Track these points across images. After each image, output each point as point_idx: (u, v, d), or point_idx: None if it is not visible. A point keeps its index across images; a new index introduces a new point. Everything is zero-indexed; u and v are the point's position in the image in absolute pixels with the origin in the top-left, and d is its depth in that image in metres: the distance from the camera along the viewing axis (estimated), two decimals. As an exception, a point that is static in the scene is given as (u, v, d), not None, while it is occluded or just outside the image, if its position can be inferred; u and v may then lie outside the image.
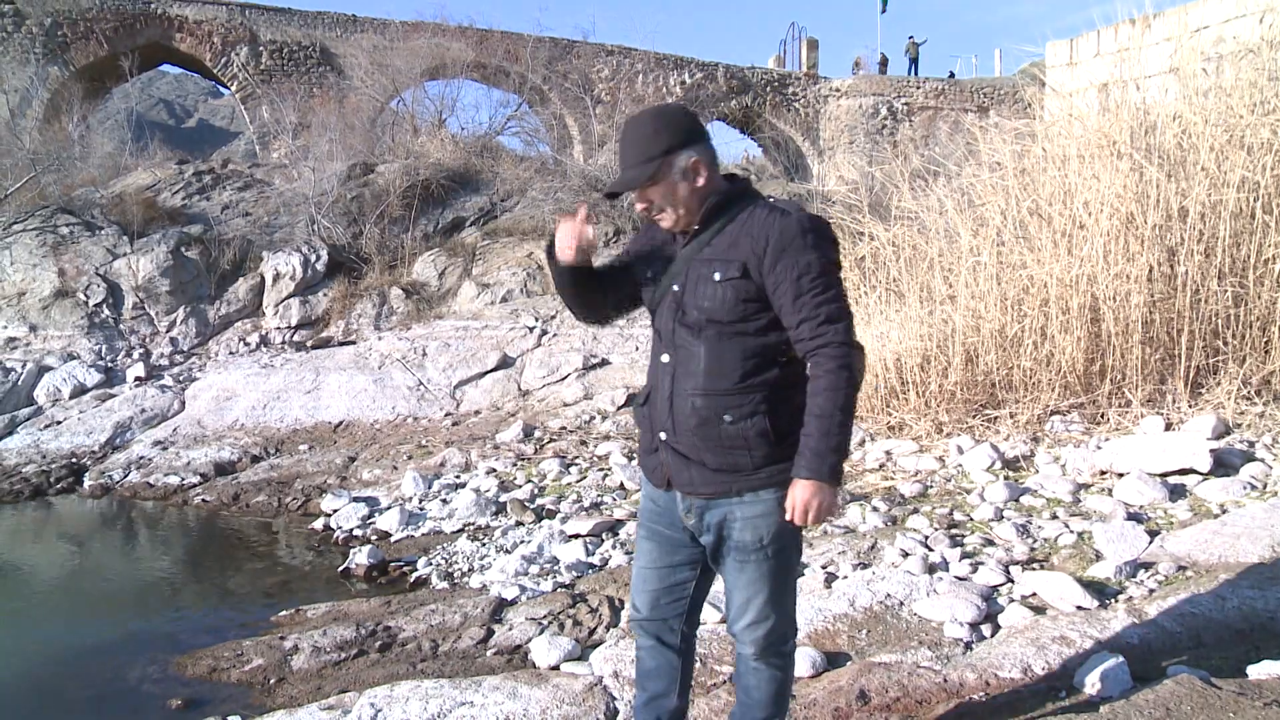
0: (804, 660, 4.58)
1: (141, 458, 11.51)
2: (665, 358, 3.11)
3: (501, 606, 6.17)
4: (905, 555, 5.78)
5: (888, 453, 7.91)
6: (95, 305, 16.14)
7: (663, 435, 3.11)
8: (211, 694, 5.52)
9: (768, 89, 36.19)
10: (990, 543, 5.88)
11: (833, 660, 4.68)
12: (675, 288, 3.06)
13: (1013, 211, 8.39)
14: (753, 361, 2.95)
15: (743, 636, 3.16)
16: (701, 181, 2.97)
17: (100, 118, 25.58)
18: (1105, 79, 9.73)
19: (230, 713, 5.08)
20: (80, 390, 14.08)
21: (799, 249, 2.85)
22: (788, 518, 2.90)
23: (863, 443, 8.22)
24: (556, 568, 6.71)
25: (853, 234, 9.21)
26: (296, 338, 15.37)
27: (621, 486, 8.42)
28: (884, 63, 39.74)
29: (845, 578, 5.65)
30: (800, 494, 2.87)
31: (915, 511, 6.58)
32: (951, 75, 39.70)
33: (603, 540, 7.17)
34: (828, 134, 36.35)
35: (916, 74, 38.51)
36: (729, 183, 3.06)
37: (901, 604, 5.14)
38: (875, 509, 6.72)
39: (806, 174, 33.75)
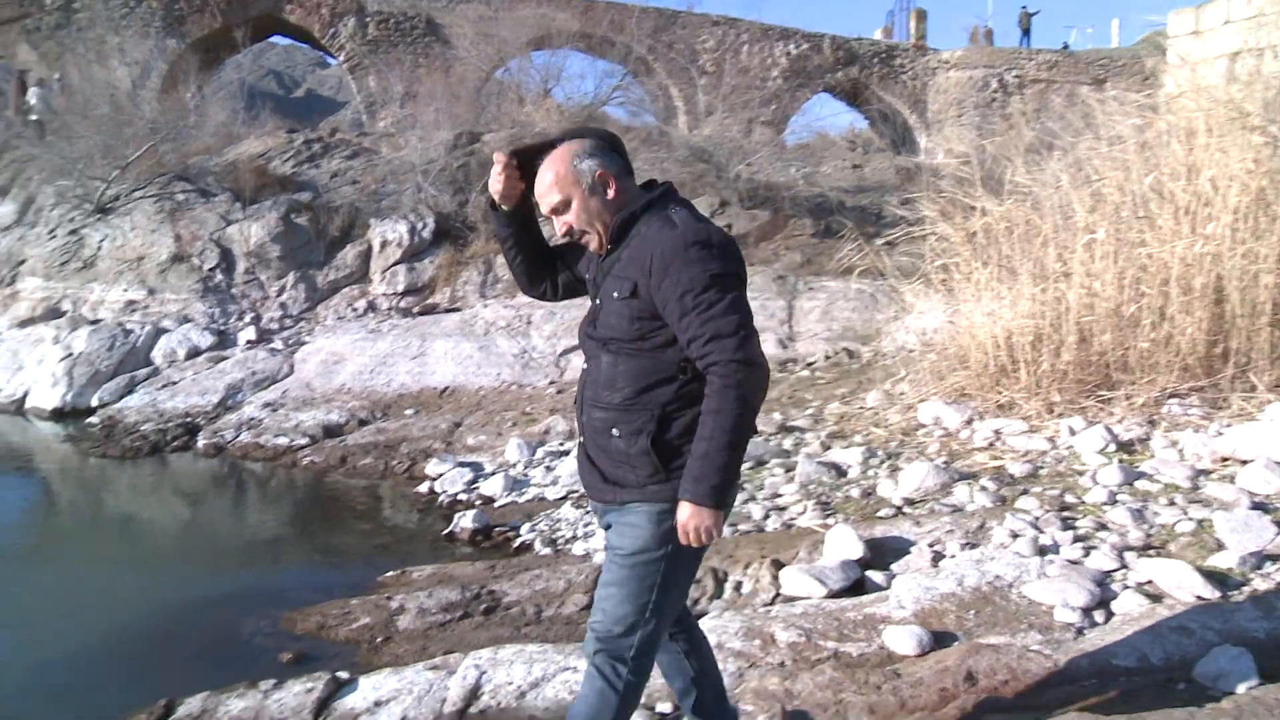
0: (909, 638, 4.54)
1: (252, 419, 11.77)
2: (585, 365, 3.21)
3: (604, 574, 6.20)
4: (1014, 536, 5.67)
5: (996, 432, 7.76)
6: (209, 270, 16.52)
7: (580, 439, 3.21)
8: (320, 650, 5.64)
9: (875, 61, 35.64)
10: (1103, 527, 5.74)
11: (939, 639, 4.61)
12: (596, 301, 3.10)
13: (1133, 187, 8.14)
14: (648, 379, 2.95)
15: (588, 630, 3.19)
16: (612, 194, 2.99)
17: (214, 88, 26.08)
18: (1236, 47, 9.39)
19: (338, 669, 5.17)
20: (195, 352, 14.45)
21: (681, 265, 2.81)
22: (680, 539, 2.90)
23: (970, 421, 8.08)
24: (660, 539, 6.71)
25: (964, 208, 9.03)
26: (403, 304, 15.57)
27: (725, 458, 8.37)
28: (989, 35, 38.85)
29: (953, 557, 5.57)
30: (681, 516, 2.88)
31: (1025, 492, 6.45)
32: (1065, 47, 38.68)
33: (707, 512, 7.15)
34: (936, 107, 35.69)
35: (1029, 46, 37.63)
36: (648, 192, 3.05)
37: (1010, 585, 5.04)
38: (983, 488, 6.60)
39: (914, 148, 33.22)
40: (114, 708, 5.11)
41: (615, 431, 2.97)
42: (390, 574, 6.77)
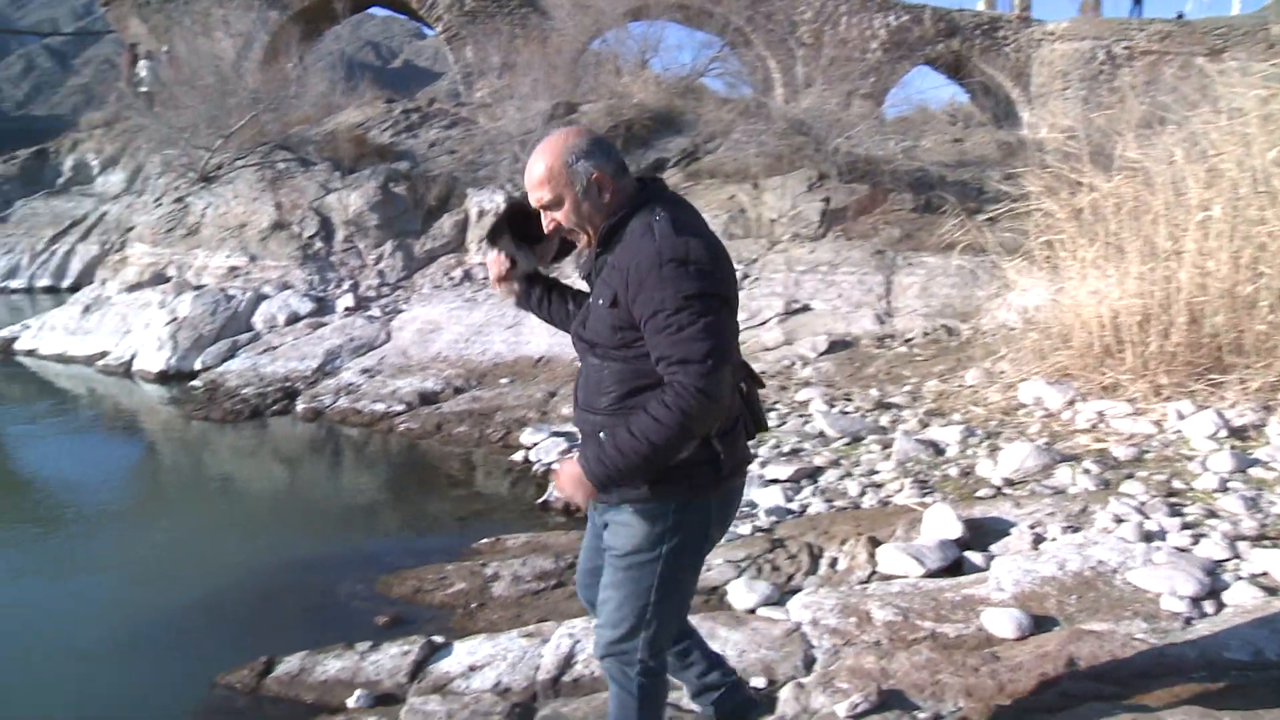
0: (1009, 621, 4.46)
1: (350, 384, 11.93)
2: (580, 366, 3.13)
3: (700, 545, 6.19)
4: (1119, 521, 5.54)
5: (1100, 414, 7.58)
6: (308, 238, 16.75)
7: (579, 437, 3.12)
8: (415, 614, 5.72)
9: (977, 33, 34.82)
10: (1214, 515, 5.58)
11: (1039, 624, 4.53)
12: (588, 302, 3.04)
13: (1253, 162, 7.85)
14: (633, 384, 2.86)
15: (595, 636, 3.16)
16: (608, 197, 2.86)
17: (314, 59, 26.43)
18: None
19: (434, 633, 5.24)
20: (294, 318, 14.69)
21: (655, 282, 2.68)
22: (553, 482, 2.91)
23: (1072, 402, 7.90)
24: (755, 512, 6.68)
25: (1070, 184, 8.81)
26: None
27: (822, 434, 8.30)
28: (1097, 5, 37.74)
29: (1054, 540, 5.46)
30: (566, 468, 2.88)
31: (1130, 476, 6.29)
32: (1180, 16, 37.44)
33: (802, 487, 7.11)
34: (1040, 80, 34.79)
35: (1140, 16, 36.54)
36: (641, 188, 2.92)
37: (1114, 571, 4.93)
38: (1086, 471, 6.46)
39: (1016, 122, 32.49)
40: (216, 664, 5.24)
41: (603, 435, 2.87)
42: (485, 541, 6.82)
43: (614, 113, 17.82)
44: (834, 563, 5.69)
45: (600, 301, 2.87)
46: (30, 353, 16.52)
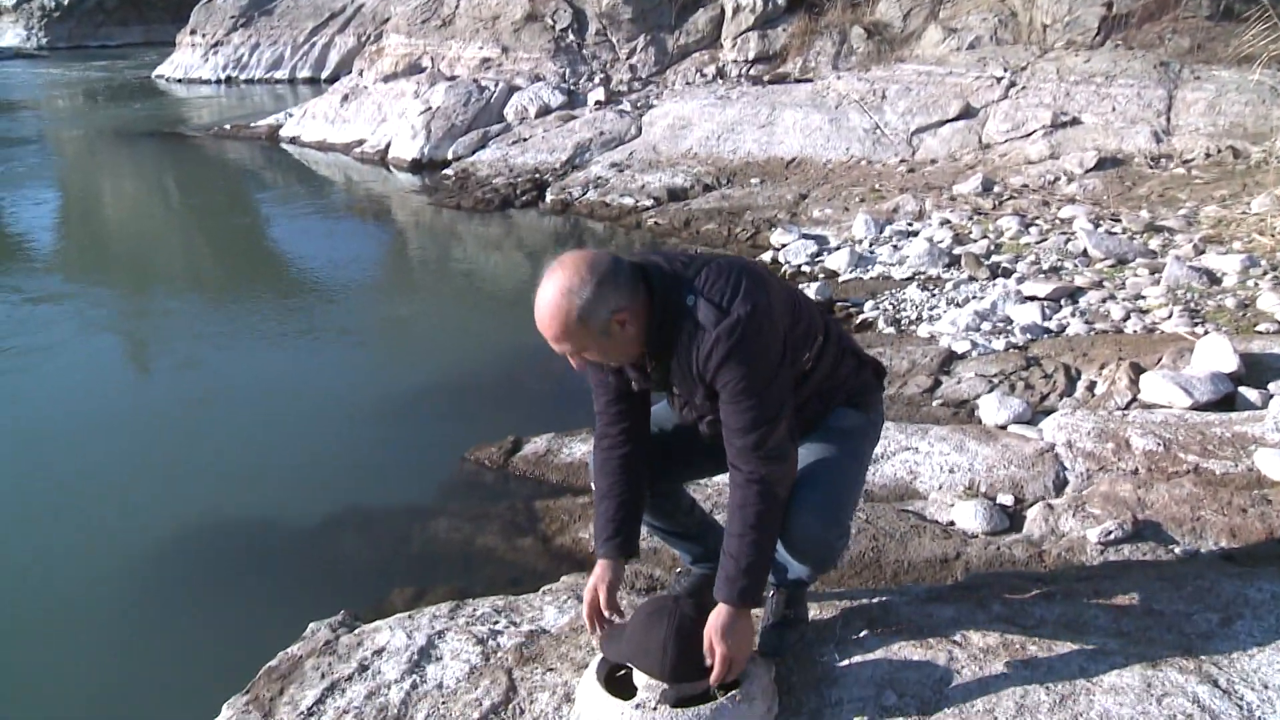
0: (1287, 461, 4.16)
1: (598, 178, 11.97)
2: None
3: (950, 359, 6.01)
4: None
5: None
6: (561, 30, 16.68)
7: None
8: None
9: None
10: None
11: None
12: (676, 392, 2.70)
13: None
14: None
15: None
16: (633, 328, 2.48)
17: None
18: None
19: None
20: (545, 110, 14.76)
21: (721, 370, 2.44)
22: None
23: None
24: (1010, 328, 6.42)
25: None
26: (753, 72, 15.27)
27: (1084, 253, 7.86)
28: None
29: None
30: (712, 630, 2.55)
31: None
32: None
33: (1061, 306, 6.77)
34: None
35: None
36: (647, 289, 2.49)
37: None
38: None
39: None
40: (466, 439, 5.45)
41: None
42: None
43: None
44: (1092, 386, 5.44)
45: (698, 400, 2.64)
46: (293, 140, 17.27)
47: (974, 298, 7.09)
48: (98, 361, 7.62)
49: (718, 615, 2.55)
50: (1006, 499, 4.21)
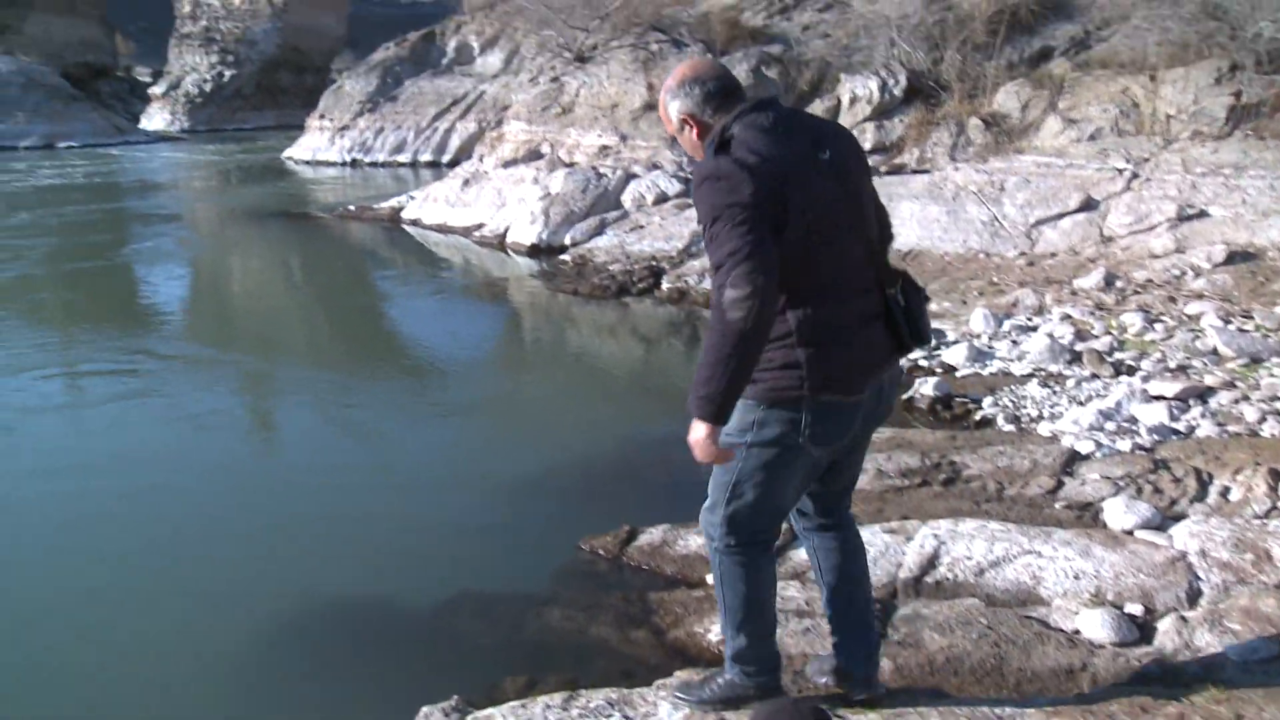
0: None
1: (715, 267, 11.97)
2: None
3: (1073, 459, 5.84)
4: None
5: None
6: (679, 119, 16.85)
7: None
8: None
9: None
10: None
11: None
12: None
13: None
14: None
15: None
16: (695, 132, 2.97)
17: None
18: None
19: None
20: (662, 198, 14.90)
21: (697, 202, 2.82)
22: None
23: None
24: (1135, 428, 6.23)
25: None
26: (870, 162, 15.27)
27: (1214, 351, 7.63)
28: None
29: None
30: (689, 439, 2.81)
31: None
32: None
33: (1190, 406, 6.56)
34: None
35: None
36: (727, 118, 2.89)
37: None
38: None
39: None
40: (581, 528, 5.43)
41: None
42: (849, 433, 6.71)
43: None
44: (1226, 492, 5.23)
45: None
46: (414, 222, 17.73)
47: (1097, 396, 6.91)
48: (217, 431, 7.79)
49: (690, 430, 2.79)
50: (1135, 609, 4.04)
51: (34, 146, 42.49)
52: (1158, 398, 6.69)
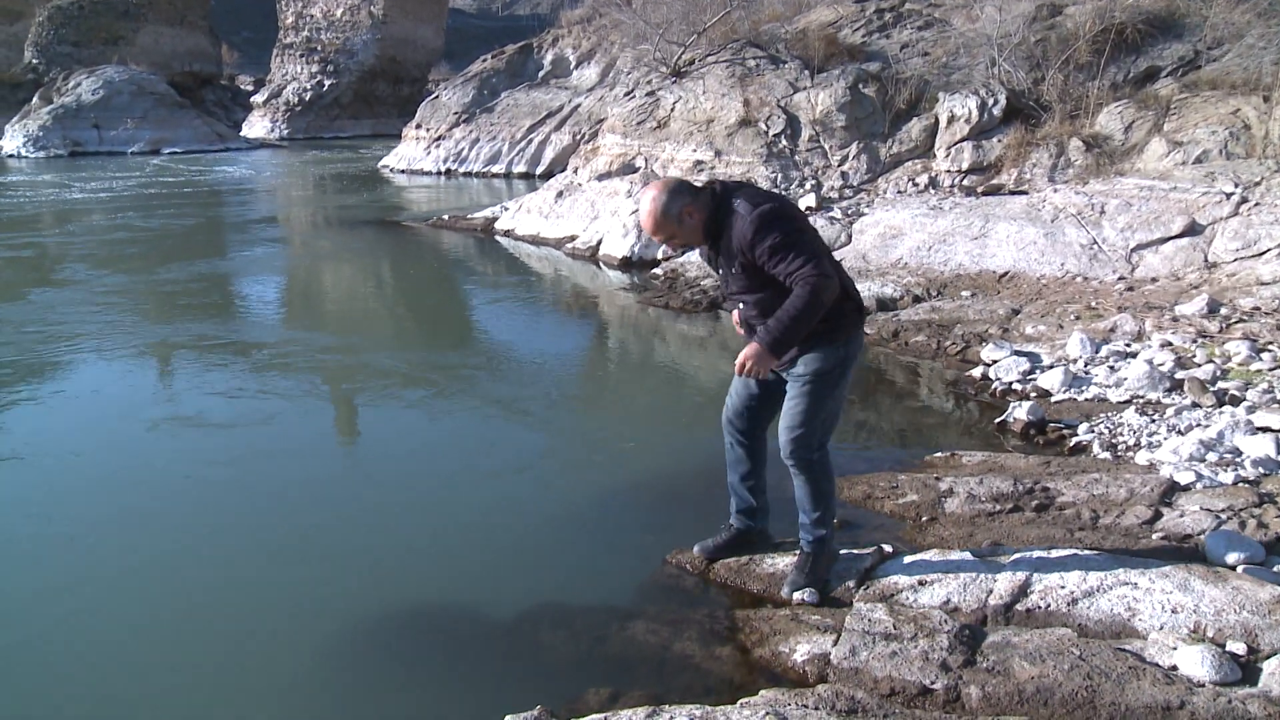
0: None
1: (804, 284, 11.91)
2: (739, 310, 4.64)
3: (1172, 489, 5.70)
4: None
5: None
6: (774, 135, 16.84)
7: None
8: (864, 519, 5.69)
9: None
10: None
11: None
12: (720, 272, 4.58)
13: None
14: (768, 305, 4.31)
15: (780, 437, 4.64)
16: (695, 219, 4.33)
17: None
18: None
19: (884, 541, 5.19)
20: (758, 215, 14.81)
21: (758, 240, 4.16)
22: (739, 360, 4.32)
23: None
24: (1239, 460, 6.06)
25: None
26: (966, 182, 15.04)
27: (1326, 382, 7.42)
28: None
29: None
30: (747, 350, 4.28)
31: None
32: None
33: (1298, 439, 6.36)
34: None
35: None
36: (712, 197, 4.35)
37: None
38: None
39: None
40: (667, 542, 5.44)
41: (759, 326, 4.33)
42: (939, 455, 6.65)
43: (1103, 15, 16.46)
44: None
45: (734, 270, 4.36)
46: (507, 232, 17.93)
47: (1198, 425, 6.73)
48: (303, 431, 7.96)
49: (749, 349, 4.28)
50: (1238, 647, 3.92)
51: (140, 152, 43.92)
52: (1264, 429, 6.49)
